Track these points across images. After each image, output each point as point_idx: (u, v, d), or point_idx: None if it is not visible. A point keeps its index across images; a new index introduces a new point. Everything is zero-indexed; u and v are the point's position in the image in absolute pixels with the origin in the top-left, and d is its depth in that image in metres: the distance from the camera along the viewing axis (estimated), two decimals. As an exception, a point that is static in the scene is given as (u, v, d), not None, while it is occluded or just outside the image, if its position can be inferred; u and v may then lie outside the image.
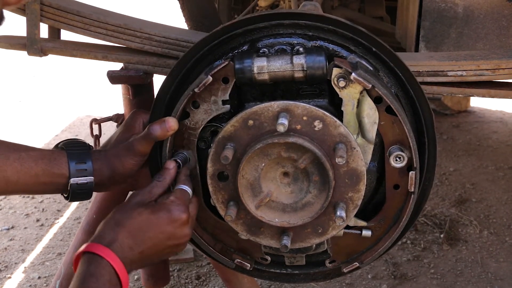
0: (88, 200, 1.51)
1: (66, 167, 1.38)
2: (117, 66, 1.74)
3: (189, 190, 1.38)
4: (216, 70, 1.35)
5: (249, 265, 1.54)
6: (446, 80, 1.56)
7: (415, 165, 1.37)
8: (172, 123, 1.38)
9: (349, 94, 1.35)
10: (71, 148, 1.42)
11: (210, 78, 1.35)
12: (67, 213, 3.50)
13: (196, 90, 1.36)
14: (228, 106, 1.41)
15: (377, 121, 1.37)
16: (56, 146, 1.47)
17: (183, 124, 1.44)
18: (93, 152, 1.44)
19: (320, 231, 1.41)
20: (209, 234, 1.54)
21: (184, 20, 3.52)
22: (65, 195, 1.43)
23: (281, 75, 1.33)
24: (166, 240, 1.31)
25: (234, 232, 1.50)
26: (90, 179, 1.40)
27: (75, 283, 1.17)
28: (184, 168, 1.43)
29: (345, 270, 1.52)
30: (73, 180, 1.38)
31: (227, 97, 1.39)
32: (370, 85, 1.30)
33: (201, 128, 1.44)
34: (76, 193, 1.40)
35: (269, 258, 1.55)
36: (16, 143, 1.39)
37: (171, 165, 1.40)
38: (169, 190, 1.39)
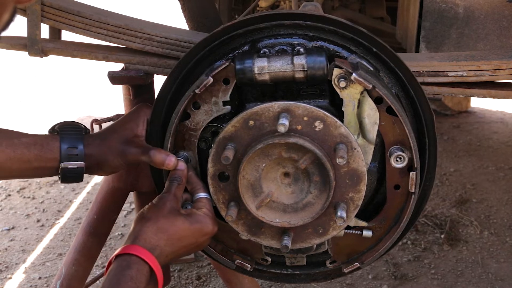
0: (89, 201, 1.52)
1: (58, 152, 1.40)
2: (118, 66, 1.74)
3: (209, 197, 1.41)
4: (216, 71, 1.35)
5: (249, 266, 1.54)
6: (446, 80, 1.56)
7: (415, 166, 1.37)
8: (171, 163, 1.40)
9: (350, 94, 1.35)
10: (65, 132, 1.44)
11: (210, 79, 1.35)
12: (68, 214, 3.50)
13: (196, 91, 1.36)
14: (229, 107, 1.41)
15: (377, 122, 1.37)
16: (53, 127, 1.48)
17: (183, 125, 1.44)
18: (88, 136, 1.46)
19: (320, 231, 1.41)
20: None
21: (185, 21, 3.52)
22: (58, 177, 1.45)
23: (281, 75, 1.33)
24: (193, 249, 1.36)
25: (235, 233, 1.50)
26: (80, 164, 1.42)
27: (111, 282, 1.17)
28: (192, 171, 1.45)
29: (345, 271, 1.52)
30: (63, 165, 1.40)
31: (227, 98, 1.40)
32: (371, 86, 1.30)
33: (201, 129, 1.44)
34: (66, 177, 1.42)
35: (269, 259, 1.55)
36: (9, 130, 1.41)
37: (182, 166, 1.42)
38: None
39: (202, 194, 1.41)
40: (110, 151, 1.44)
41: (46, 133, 1.48)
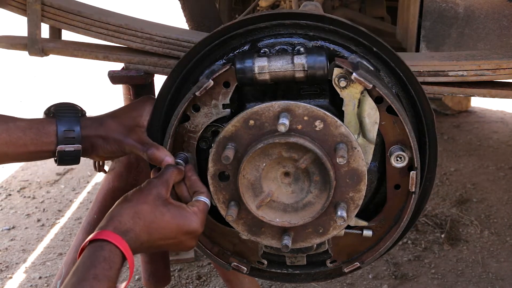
0: (89, 200, 1.51)
1: (54, 135, 1.39)
2: (118, 66, 1.74)
3: (209, 204, 1.39)
4: (217, 74, 1.35)
5: (245, 268, 1.54)
6: (447, 80, 1.56)
7: (416, 165, 1.37)
8: (168, 163, 1.40)
9: (350, 94, 1.35)
10: (62, 114, 1.43)
11: (211, 82, 1.35)
12: (68, 213, 3.50)
13: (197, 93, 1.36)
14: (229, 110, 1.41)
15: (378, 121, 1.37)
16: (48, 109, 1.47)
17: (183, 127, 1.44)
18: (86, 118, 1.45)
19: (321, 231, 1.41)
20: (207, 236, 1.54)
21: (185, 20, 3.52)
22: (54, 159, 1.44)
23: (282, 75, 1.33)
24: (173, 245, 1.33)
25: (231, 236, 1.51)
26: (77, 146, 1.41)
27: (84, 264, 1.15)
28: (193, 172, 1.43)
29: (346, 270, 1.52)
30: (60, 147, 1.39)
31: (227, 101, 1.40)
32: (371, 85, 1.30)
33: (201, 131, 1.44)
34: (63, 159, 1.42)
35: (265, 262, 1.55)
36: (3, 115, 1.40)
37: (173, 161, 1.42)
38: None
39: (203, 198, 1.38)
40: (107, 136, 1.43)
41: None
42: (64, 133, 1.39)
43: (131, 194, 1.32)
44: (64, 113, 1.43)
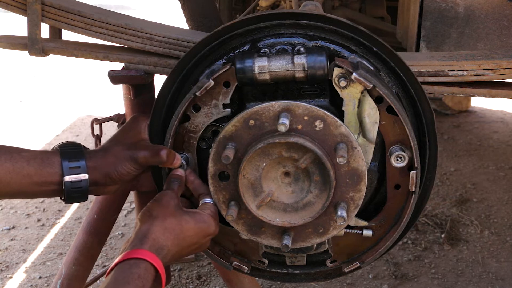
0: (89, 200, 1.50)
1: (58, 165, 1.37)
2: (118, 66, 1.74)
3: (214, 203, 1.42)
4: (217, 74, 1.35)
5: (246, 268, 1.54)
6: (447, 80, 1.56)
7: (416, 165, 1.37)
8: (179, 162, 1.43)
9: (350, 94, 1.35)
10: (64, 148, 1.42)
11: (211, 82, 1.35)
12: (68, 213, 3.50)
13: (197, 93, 1.36)
14: (229, 110, 1.41)
15: (378, 121, 1.37)
16: (52, 148, 1.47)
17: (183, 127, 1.44)
18: (88, 151, 1.44)
19: (321, 231, 1.41)
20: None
21: (185, 20, 3.52)
22: (62, 198, 1.41)
23: (282, 75, 1.33)
24: (194, 250, 1.36)
25: (232, 235, 1.51)
26: (84, 176, 1.38)
27: (117, 279, 1.16)
28: (195, 175, 1.46)
29: (346, 270, 1.52)
30: (66, 178, 1.36)
31: (228, 101, 1.40)
32: (371, 85, 1.30)
33: (201, 131, 1.44)
34: (71, 192, 1.38)
35: (266, 261, 1.55)
36: (8, 146, 1.39)
37: (182, 172, 1.45)
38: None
39: (209, 200, 1.41)
40: (117, 159, 1.41)
41: (47, 135, 1.47)
42: (68, 164, 1.37)
43: (153, 209, 1.32)
44: (66, 148, 1.42)
